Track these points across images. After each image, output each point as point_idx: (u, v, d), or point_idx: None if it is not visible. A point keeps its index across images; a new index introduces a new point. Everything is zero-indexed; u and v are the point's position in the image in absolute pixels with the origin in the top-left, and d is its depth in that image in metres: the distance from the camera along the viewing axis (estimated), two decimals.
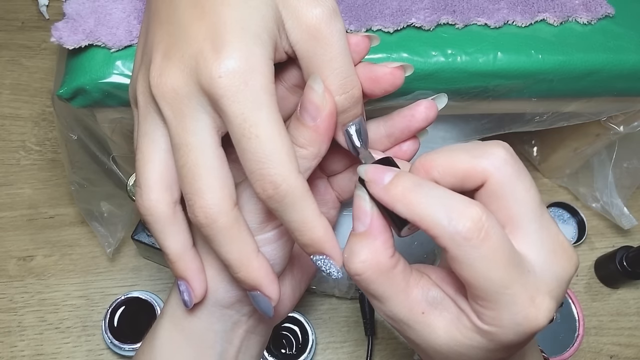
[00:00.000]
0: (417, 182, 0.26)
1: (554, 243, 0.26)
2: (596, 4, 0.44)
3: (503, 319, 0.25)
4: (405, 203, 0.25)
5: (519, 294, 0.25)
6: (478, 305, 0.25)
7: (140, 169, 0.29)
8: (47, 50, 0.71)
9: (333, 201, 0.38)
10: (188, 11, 0.28)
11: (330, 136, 0.29)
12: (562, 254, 0.26)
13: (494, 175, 0.26)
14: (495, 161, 0.26)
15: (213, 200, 0.27)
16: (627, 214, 0.62)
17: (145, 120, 0.29)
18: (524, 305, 0.25)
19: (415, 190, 0.26)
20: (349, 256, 0.27)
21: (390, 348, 0.59)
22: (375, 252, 0.27)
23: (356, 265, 0.27)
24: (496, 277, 0.24)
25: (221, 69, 0.26)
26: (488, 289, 0.24)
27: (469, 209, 0.24)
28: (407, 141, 0.34)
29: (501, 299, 0.25)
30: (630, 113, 0.50)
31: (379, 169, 0.27)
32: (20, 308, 0.57)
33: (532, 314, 0.25)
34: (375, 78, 0.30)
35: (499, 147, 0.27)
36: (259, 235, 0.31)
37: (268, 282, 0.30)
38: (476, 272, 0.24)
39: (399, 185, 0.26)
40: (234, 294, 0.33)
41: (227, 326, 0.34)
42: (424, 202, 0.25)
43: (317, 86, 0.28)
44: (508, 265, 0.24)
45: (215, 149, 0.28)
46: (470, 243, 0.24)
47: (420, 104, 0.32)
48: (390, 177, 0.26)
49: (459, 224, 0.24)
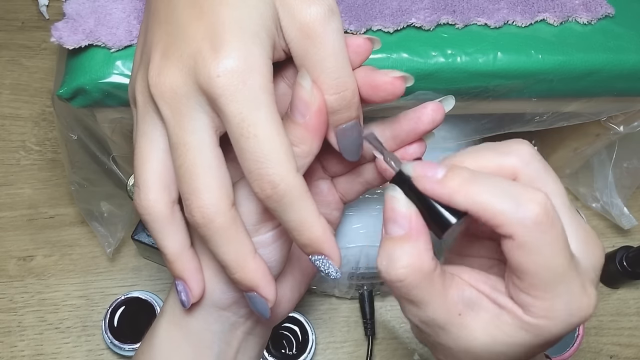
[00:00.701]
0: (474, 173, 0.25)
1: (585, 233, 0.26)
2: (596, 4, 0.44)
3: (556, 309, 0.25)
4: (466, 193, 0.25)
5: (574, 283, 0.25)
6: (529, 297, 0.25)
7: (138, 169, 0.29)
8: (47, 50, 0.71)
9: (336, 202, 0.38)
10: (187, 11, 0.28)
11: (322, 134, 0.29)
12: (593, 243, 0.26)
13: (523, 171, 0.26)
14: (523, 157, 0.26)
15: (210, 200, 0.27)
16: (627, 214, 0.62)
17: (143, 119, 0.29)
18: (578, 294, 0.25)
19: (474, 181, 0.25)
20: (389, 263, 0.26)
21: (390, 348, 0.59)
22: (418, 255, 0.26)
23: (398, 272, 0.26)
24: (559, 264, 0.24)
25: (219, 69, 0.26)
26: (548, 277, 0.24)
27: (536, 195, 0.24)
28: (414, 144, 0.33)
29: (558, 288, 0.24)
30: (630, 113, 0.50)
31: (428, 164, 0.26)
32: (20, 308, 0.57)
33: (584, 302, 0.25)
34: (375, 85, 0.29)
35: (523, 143, 0.27)
36: (255, 237, 0.30)
37: (265, 283, 0.29)
38: (542, 258, 0.24)
39: (456, 177, 0.25)
40: (231, 295, 0.33)
41: (225, 327, 0.34)
42: (487, 191, 0.24)
43: (304, 82, 0.27)
44: (568, 253, 0.24)
45: (213, 148, 0.28)
46: (540, 228, 0.23)
47: (427, 106, 0.32)
48: (444, 171, 0.26)
49: (529, 209, 0.23)
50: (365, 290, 0.57)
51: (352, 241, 0.50)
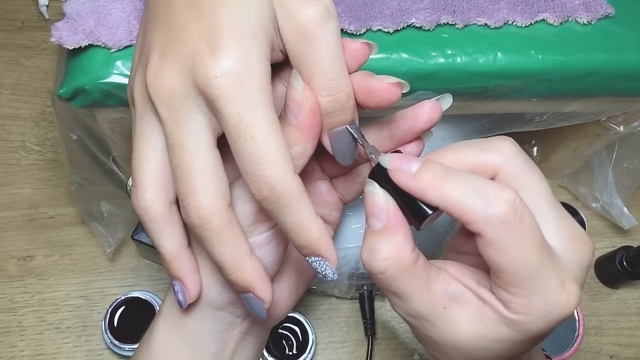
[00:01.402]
0: (447, 169, 0.25)
1: (571, 230, 0.26)
2: (596, 4, 0.44)
3: (534, 305, 0.25)
4: (437, 190, 0.25)
5: (551, 279, 0.25)
6: (507, 294, 0.25)
7: (136, 169, 0.29)
8: (47, 50, 0.71)
9: (336, 203, 0.38)
10: (185, 11, 0.28)
11: (316, 135, 0.29)
12: (580, 240, 0.26)
13: (504, 167, 0.26)
14: (505, 154, 0.26)
15: (207, 201, 0.27)
16: (627, 214, 0.61)
17: (142, 120, 0.29)
18: (555, 291, 0.25)
19: (446, 177, 0.25)
20: (370, 255, 0.26)
21: (390, 348, 0.59)
22: (397, 248, 0.26)
23: (379, 263, 0.26)
24: (531, 260, 0.24)
25: (217, 69, 0.26)
26: (521, 274, 0.24)
27: (503, 192, 0.24)
28: (411, 143, 0.33)
29: (534, 284, 0.24)
30: (630, 113, 0.50)
31: (405, 158, 0.27)
32: (20, 308, 0.57)
33: (563, 299, 0.25)
34: (370, 91, 0.29)
35: (506, 140, 0.27)
36: (251, 238, 0.30)
37: (261, 284, 0.29)
38: (511, 255, 0.24)
39: (429, 172, 0.25)
40: (226, 296, 0.33)
41: (221, 327, 0.34)
42: (457, 188, 0.25)
43: (296, 83, 0.27)
44: (541, 249, 0.24)
45: (211, 149, 0.28)
46: (507, 225, 0.24)
47: (424, 104, 0.32)
48: (418, 165, 0.26)
49: (495, 207, 0.24)
50: (365, 290, 0.57)
51: (352, 241, 0.50)
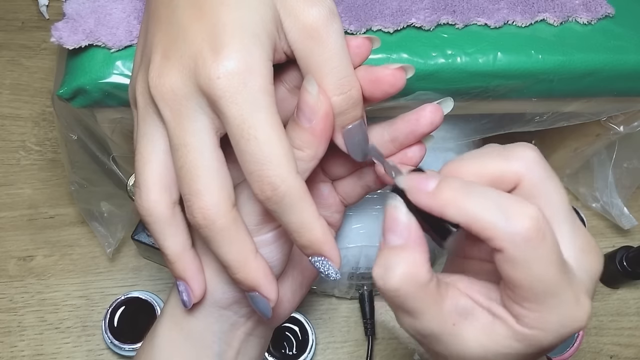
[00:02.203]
0: (466, 185, 0.25)
1: (584, 242, 0.26)
2: (596, 4, 0.44)
3: (549, 321, 0.24)
4: (457, 206, 0.24)
5: (567, 295, 0.24)
6: (522, 309, 0.25)
7: (139, 170, 0.29)
8: (47, 50, 0.71)
9: (337, 205, 0.38)
10: (187, 12, 0.28)
11: (328, 138, 0.29)
12: (592, 252, 0.26)
13: (526, 176, 0.26)
14: (527, 162, 0.26)
15: (211, 201, 0.27)
16: (627, 214, 0.61)
17: (144, 121, 0.29)
18: (571, 306, 0.24)
19: (465, 193, 0.24)
20: (386, 271, 0.25)
21: (390, 348, 0.59)
22: (414, 266, 0.25)
23: (394, 281, 0.25)
24: (550, 278, 0.24)
25: (220, 70, 0.26)
26: (539, 291, 0.24)
27: (526, 209, 0.23)
28: (413, 147, 0.33)
29: (550, 300, 0.24)
30: (630, 113, 0.50)
31: (421, 176, 0.26)
32: (20, 308, 0.57)
33: (577, 314, 0.25)
34: (376, 79, 0.29)
35: (528, 148, 0.26)
36: (256, 237, 0.31)
37: (266, 282, 0.29)
38: (532, 272, 0.23)
39: (447, 190, 0.25)
40: (232, 295, 0.33)
41: (226, 327, 0.34)
42: (478, 204, 0.24)
43: (311, 87, 0.28)
44: (560, 266, 0.24)
45: (214, 150, 0.28)
46: (530, 244, 0.23)
47: (425, 108, 0.32)
48: (436, 183, 0.25)
49: (518, 224, 0.23)
50: (365, 290, 0.57)
51: (352, 241, 0.50)
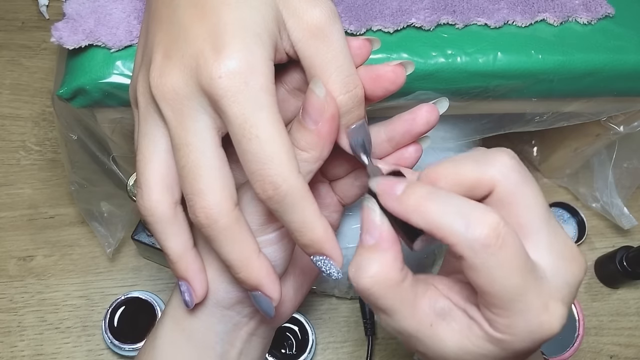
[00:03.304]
0: (431, 191, 0.25)
1: (563, 248, 0.26)
2: (596, 4, 0.44)
3: (517, 326, 0.25)
4: (420, 212, 0.25)
5: (533, 301, 0.24)
6: (491, 313, 0.25)
7: (140, 170, 0.29)
8: (47, 50, 0.71)
9: (335, 205, 0.38)
10: (188, 11, 0.28)
11: (333, 140, 0.29)
12: (571, 258, 0.26)
13: (501, 182, 0.26)
14: (502, 168, 0.26)
15: (214, 200, 0.27)
16: (627, 214, 0.61)
17: (145, 120, 0.29)
18: (538, 313, 0.25)
19: (429, 199, 0.25)
20: (357, 270, 0.26)
21: (390, 348, 0.59)
22: (385, 266, 0.26)
23: (365, 280, 0.26)
24: (512, 284, 0.24)
25: (221, 70, 0.26)
26: (503, 297, 0.24)
27: (485, 216, 0.24)
28: (410, 148, 0.34)
29: (515, 306, 0.24)
30: (630, 113, 0.50)
31: (390, 181, 0.27)
32: (20, 308, 0.57)
33: (545, 321, 0.25)
34: (376, 77, 0.29)
35: (504, 154, 0.26)
36: (260, 237, 0.31)
37: (269, 282, 0.30)
38: (493, 279, 0.24)
39: (412, 195, 0.25)
40: (234, 295, 0.33)
41: (228, 327, 0.34)
42: (440, 211, 0.24)
43: (318, 90, 0.28)
44: (523, 272, 0.24)
45: (216, 149, 0.28)
46: (488, 250, 0.23)
47: (422, 107, 0.32)
48: (403, 188, 0.26)
49: (476, 231, 0.23)
50: None
51: (352, 241, 0.50)
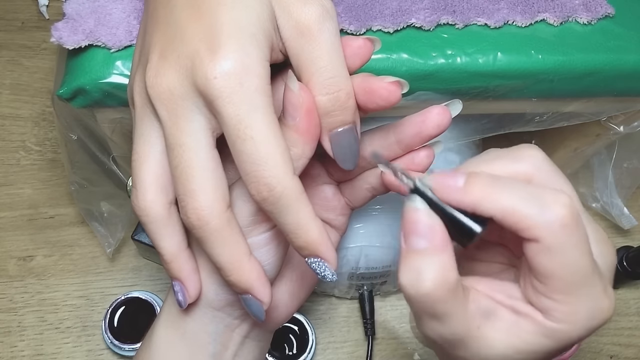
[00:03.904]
0: (495, 178, 0.25)
1: (598, 234, 0.26)
2: (596, 4, 0.44)
3: (578, 312, 0.24)
4: (491, 200, 0.24)
5: (597, 285, 0.24)
6: (552, 301, 0.24)
7: (136, 170, 0.29)
8: (47, 50, 0.71)
9: (342, 208, 0.38)
10: (185, 12, 0.28)
11: (314, 136, 0.29)
12: (606, 243, 0.26)
13: (536, 175, 0.26)
14: (535, 161, 0.26)
15: (206, 202, 0.27)
16: (627, 214, 0.61)
17: (141, 121, 0.29)
18: (600, 297, 0.24)
19: (496, 186, 0.24)
20: (416, 276, 0.24)
21: (390, 348, 0.59)
22: (445, 269, 0.25)
23: (426, 285, 0.24)
24: (584, 266, 0.24)
25: (216, 70, 0.26)
26: (572, 280, 0.24)
27: (559, 197, 0.23)
28: (421, 152, 0.33)
29: (582, 290, 0.24)
30: (630, 113, 0.50)
31: (447, 174, 0.26)
32: (20, 308, 0.57)
33: (605, 305, 0.25)
34: (370, 90, 0.29)
35: (533, 148, 0.26)
36: (249, 239, 0.30)
37: (259, 285, 0.29)
38: (568, 260, 0.23)
39: (478, 184, 0.25)
40: (224, 297, 0.33)
41: (220, 328, 0.34)
42: (511, 196, 0.24)
43: (292, 84, 0.27)
44: (591, 255, 0.24)
45: (210, 150, 0.28)
46: (567, 230, 0.23)
47: (432, 110, 0.32)
48: (464, 178, 0.25)
49: (555, 211, 0.23)
50: (365, 290, 0.57)
51: (352, 241, 0.50)
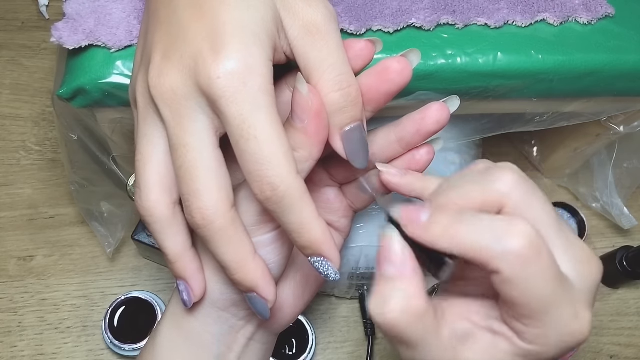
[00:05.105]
0: (457, 214, 0.25)
1: (580, 252, 0.26)
2: (596, 4, 0.44)
3: (549, 336, 0.24)
4: (450, 237, 0.24)
5: (565, 310, 0.24)
6: (522, 325, 0.25)
7: (139, 170, 0.29)
8: (47, 50, 0.71)
9: (345, 209, 0.38)
10: (187, 11, 0.28)
11: (322, 138, 0.29)
12: (589, 261, 0.26)
13: (510, 198, 0.26)
14: (507, 184, 0.26)
15: (210, 201, 0.27)
16: (627, 214, 0.61)
17: (144, 121, 0.29)
18: (569, 321, 0.24)
19: (457, 222, 0.24)
20: (383, 303, 0.25)
21: (390, 348, 0.59)
22: (411, 296, 0.25)
23: (391, 314, 0.25)
24: (547, 294, 0.24)
25: (220, 70, 0.26)
26: (537, 308, 0.24)
27: (518, 227, 0.23)
28: (421, 150, 0.33)
29: (549, 316, 0.24)
30: (630, 113, 0.50)
31: (413, 209, 0.26)
32: (20, 308, 0.57)
33: (577, 329, 0.25)
34: (382, 70, 0.29)
35: (507, 170, 0.26)
36: (255, 238, 0.30)
37: (264, 283, 0.29)
38: (529, 290, 0.23)
39: (439, 221, 0.25)
40: (229, 296, 0.33)
41: (224, 329, 0.34)
42: (469, 231, 0.24)
43: (301, 87, 0.27)
44: (557, 282, 0.24)
45: (213, 150, 0.28)
46: (525, 260, 0.23)
47: (431, 106, 0.32)
48: (427, 215, 0.25)
49: (512, 243, 0.23)
50: (365, 290, 0.57)
51: (352, 241, 0.50)
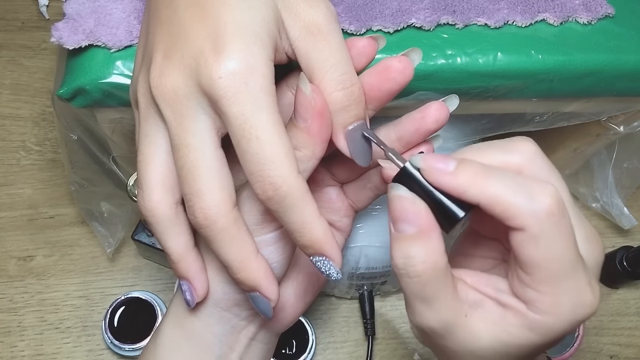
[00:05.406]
0: (485, 166, 0.25)
1: (588, 231, 0.26)
2: (596, 4, 0.44)
3: (562, 304, 0.24)
4: (479, 186, 0.24)
5: (582, 277, 0.25)
6: (536, 292, 0.25)
7: (141, 171, 0.29)
8: (47, 50, 0.71)
9: (346, 209, 0.38)
10: (188, 11, 0.28)
11: (325, 137, 0.29)
12: (595, 240, 0.27)
13: (527, 168, 0.26)
14: (527, 154, 0.26)
15: (212, 201, 0.27)
16: (627, 214, 0.62)
17: (146, 121, 0.29)
18: (584, 290, 0.25)
19: (486, 174, 0.25)
20: (406, 260, 0.25)
21: (390, 348, 0.59)
22: (433, 251, 0.25)
23: (417, 268, 0.25)
24: (568, 257, 0.24)
25: (221, 70, 0.26)
26: (557, 270, 0.24)
27: (546, 187, 0.24)
28: (421, 147, 0.34)
29: (566, 282, 0.24)
30: (630, 113, 0.50)
31: (440, 156, 0.26)
32: (20, 308, 0.57)
33: (589, 299, 0.25)
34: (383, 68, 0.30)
35: (527, 141, 0.27)
36: (257, 237, 0.30)
37: (267, 282, 0.29)
38: (553, 250, 0.24)
39: (467, 170, 0.25)
40: (232, 296, 0.33)
41: (226, 329, 0.34)
42: (499, 184, 0.24)
43: (304, 87, 0.28)
44: (577, 247, 0.24)
45: (215, 150, 0.28)
46: (553, 220, 0.23)
47: (431, 105, 0.32)
48: (455, 163, 0.25)
49: (541, 201, 0.23)
50: (365, 290, 0.57)
51: (352, 241, 0.50)
